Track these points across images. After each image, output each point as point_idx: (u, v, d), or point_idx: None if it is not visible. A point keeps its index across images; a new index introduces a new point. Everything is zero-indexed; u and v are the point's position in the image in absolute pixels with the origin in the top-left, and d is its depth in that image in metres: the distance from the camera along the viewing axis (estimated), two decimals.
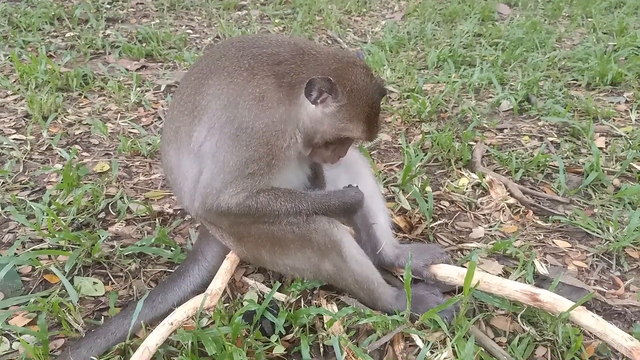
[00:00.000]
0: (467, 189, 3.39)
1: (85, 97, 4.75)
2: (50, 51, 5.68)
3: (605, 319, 2.13)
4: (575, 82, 5.22)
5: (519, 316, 2.29)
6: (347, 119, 2.13)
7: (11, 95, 4.71)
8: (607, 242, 2.87)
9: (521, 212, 3.16)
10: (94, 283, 2.57)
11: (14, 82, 4.93)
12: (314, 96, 2.07)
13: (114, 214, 3.13)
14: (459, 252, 2.84)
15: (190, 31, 6.80)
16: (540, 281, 2.57)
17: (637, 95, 4.75)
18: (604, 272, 2.71)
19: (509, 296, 2.25)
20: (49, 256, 2.72)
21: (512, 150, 3.86)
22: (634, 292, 2.56)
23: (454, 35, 6.57)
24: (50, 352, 2.18)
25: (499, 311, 2.38)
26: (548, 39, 6.30)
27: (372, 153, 3.88)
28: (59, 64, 5.13)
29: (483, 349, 2.15)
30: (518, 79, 5.11)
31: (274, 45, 2.19)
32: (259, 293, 2.49)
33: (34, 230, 2.87)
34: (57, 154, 3.78)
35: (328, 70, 2.10)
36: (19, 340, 2.19)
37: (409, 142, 3.96)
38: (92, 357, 2.08)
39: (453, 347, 2.12)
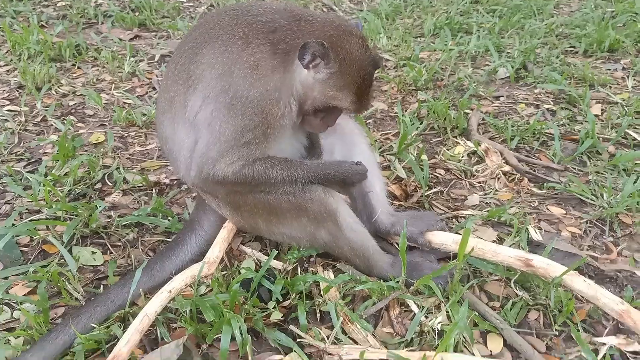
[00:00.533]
0: (462, 157, 3.40)
1: (78, 67, 4.71)
2: (41, 21, 5.60)
3: (597, 283, 2.17)
4: (572, 49, 5.18)
5: (512, 281, 2.32)
6: (337, 87, 2.12)
7: (3, 66, 4.66)
8: (601, 208, 2.90)
9: (516, 180, 3.18)
10: (93, 253, 2.59)
11: (6, 52, 4.88)
12: (307, 60, 2.06)
13: (110, 184, 3.14)
14: (454, 220, 2.86)
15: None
16: (534, 247, 2.59)
17: (634, 62, 4.72)
18: (597, 238, 2.74)
19: (502, 262, 2.28)
20: (47, 226, 2.73)
21: (508, 118, 3.85)
22: (626, 257, 2.60)
23: (450, 3, 6.48)
24: (51, 320, 2.21)
25: (493, 277, 2.41)
26: (546, 5, 6.23)
27: (368, 122, 3.87)
28: (51, 34, 5.06)
29: (477, 313, 2.20)
30: (515, 46, 5.07)
31: (269, 13, 2.17)
32: (256, 261, 2.51)
33: (31, 201, 2.87)
34: (51, 125, 3.77)
35: (323, 36, 2.08)
36: (19, 309, 2.22)
37: (405, 111, 3.95)
38: (92, 325, 2.11)
39: (447, 311, 2.16)
